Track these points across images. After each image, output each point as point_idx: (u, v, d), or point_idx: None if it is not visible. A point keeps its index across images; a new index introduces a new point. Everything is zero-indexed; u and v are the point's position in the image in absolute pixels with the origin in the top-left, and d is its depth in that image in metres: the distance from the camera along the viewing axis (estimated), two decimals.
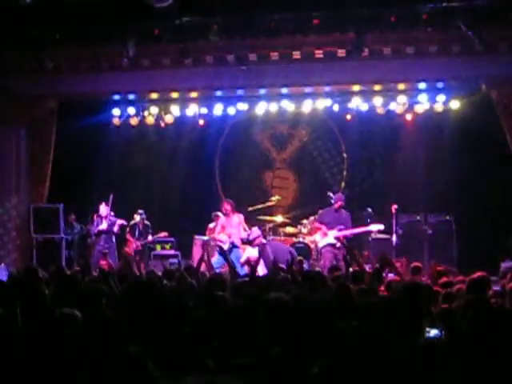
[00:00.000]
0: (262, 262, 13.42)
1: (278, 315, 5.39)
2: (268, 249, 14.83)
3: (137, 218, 16.06)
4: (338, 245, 14.47)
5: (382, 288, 8.16)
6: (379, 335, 4.64)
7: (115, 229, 15.57)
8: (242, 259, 14.65)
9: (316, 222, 15.24)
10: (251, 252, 15.08)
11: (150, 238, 16.39)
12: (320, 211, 15.46)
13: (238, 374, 4.28)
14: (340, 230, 14.53)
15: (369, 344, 4.49)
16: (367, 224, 14.92)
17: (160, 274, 9.69)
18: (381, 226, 14.78)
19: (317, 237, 14.92)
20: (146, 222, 16.40)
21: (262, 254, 13.08)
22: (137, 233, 16.23)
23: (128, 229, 16.17)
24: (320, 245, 14.72)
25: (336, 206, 14.74)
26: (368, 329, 4.81)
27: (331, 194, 15.07)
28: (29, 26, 13.61)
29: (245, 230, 15.52)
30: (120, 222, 15.62)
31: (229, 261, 11.28)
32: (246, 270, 14.13)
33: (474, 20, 12.84)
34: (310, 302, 6.16)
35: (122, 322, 5.54)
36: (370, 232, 15.09)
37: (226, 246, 15.16)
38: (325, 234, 14.58)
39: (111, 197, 15.39)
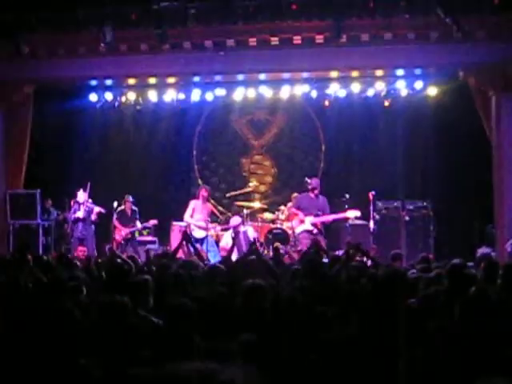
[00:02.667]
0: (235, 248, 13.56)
1: (254, 302, 5.39)
2: (241, 236, 14.94)
3: (115, 204, 15.92)
4: (315, 231, 14.54)
5: None
6: (360, 321, 4.67)
7: (93, 217, 15.46)
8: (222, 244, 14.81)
9: (293, 207, 15.28)
10: (229, 238, 15.18)
11: (138, 224, 16.28)
12: (295, 194, 15.54)
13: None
14: (317, 215, 14.57)
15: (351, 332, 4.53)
16: (344, 210, 14.96)
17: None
18: (357, 213, 14.84)
19: (294, 223, 14.97)
20: (134, 207, 16.34)
21: (235, 240, 13.17)
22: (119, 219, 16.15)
23: (116, 215, 15.92)
24: (297, 231, 14.77)
25: (312, 191, 14.77)
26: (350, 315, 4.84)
27: (308, 180, 15.06)
28: (4, 11, 13.48)
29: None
30: (97, 209, 15.49)
31: (195, 247, 11.32)
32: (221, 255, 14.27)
33: (452, 7, 12.89)
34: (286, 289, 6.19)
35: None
36: (347, 218, 15.14)
37: (203, 233, 15.15)
38: (301, 221, 14.63)
39: (88, 184, 15.29)
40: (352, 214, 14.80)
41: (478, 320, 4.57)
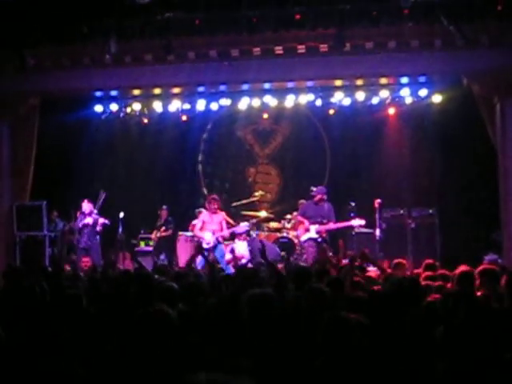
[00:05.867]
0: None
1: (261, 311, 5.38)
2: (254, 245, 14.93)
3: (121, 215, 16.00)
4: (320, 239, 14.53)
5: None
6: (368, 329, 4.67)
7: (98, 228, 15.45)
8: (227, 255, 14.76)
9: (298, 215, 15.27)
10: (237, 246, 15.15)
11: (164, 232, 16.64)
12: (302, 201, 15.55)
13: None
14: (322, 223, 14.56)
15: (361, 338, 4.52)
16: (350, 218, 14.96)
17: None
18: (362, 222, 14.84)
19: (299, 231, 14.97)
20: (169, 217, 16.86)
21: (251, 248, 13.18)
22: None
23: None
24: (302, 239, 14.76)
25: (316, 199, 14.75)
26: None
27: (313, 188, 15.05)
28: (9, 24, 13.52)
29: (228, 227, 15.50)
30: (102, 220, 15.46)
31: (207, 259, 11.33)
32: (230, 266, 14.20)
33: (455, 14, 12.89)
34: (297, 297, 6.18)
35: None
36: (351, 227, 15.13)
37: (210, 245, 15.10)
38: (307, 229, 14.61)
39: (103, 195, 15.27)
40: (357, 222, 14.79)
41: (482, 325, 4.57)
